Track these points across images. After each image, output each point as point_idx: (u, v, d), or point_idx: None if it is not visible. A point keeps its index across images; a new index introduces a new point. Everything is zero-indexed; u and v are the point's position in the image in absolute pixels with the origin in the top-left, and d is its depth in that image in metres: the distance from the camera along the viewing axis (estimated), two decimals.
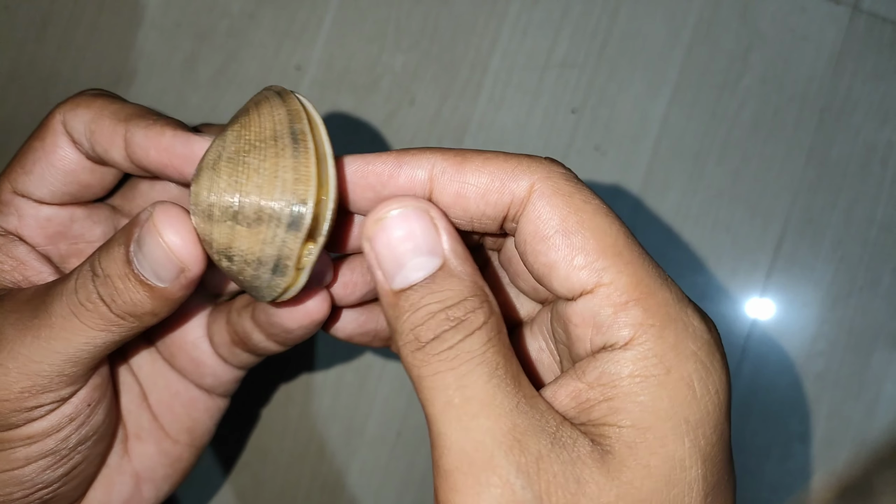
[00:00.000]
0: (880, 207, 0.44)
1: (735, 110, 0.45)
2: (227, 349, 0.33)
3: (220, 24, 0.46)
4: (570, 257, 0.23)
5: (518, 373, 0.24)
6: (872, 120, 0.44)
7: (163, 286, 0.26)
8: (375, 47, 0.46)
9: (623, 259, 0.23)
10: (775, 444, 0.43)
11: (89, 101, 0.28)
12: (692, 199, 0.44)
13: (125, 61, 0.46)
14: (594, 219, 0.24)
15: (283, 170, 0.24)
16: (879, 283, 0.43)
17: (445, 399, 0.23)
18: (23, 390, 0.26)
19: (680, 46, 0.45)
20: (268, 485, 0.45)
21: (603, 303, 0.23)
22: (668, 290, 0.24)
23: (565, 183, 0.24)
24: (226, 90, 0.46)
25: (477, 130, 0.45)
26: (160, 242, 0.25)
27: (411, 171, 0.25)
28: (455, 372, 0.23)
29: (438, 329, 0.24)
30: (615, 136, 0.45)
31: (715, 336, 0.24)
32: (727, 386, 0.23)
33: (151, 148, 0.27)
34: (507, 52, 0.45)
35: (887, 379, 0.43)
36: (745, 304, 0.44)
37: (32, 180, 0.29)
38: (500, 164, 0.25)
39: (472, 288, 0.24)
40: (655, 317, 0.23)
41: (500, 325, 0.24)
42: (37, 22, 0.47)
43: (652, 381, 0.22)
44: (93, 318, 0.26)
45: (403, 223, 0.24)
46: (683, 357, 0.23)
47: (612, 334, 0.23)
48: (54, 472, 0.29)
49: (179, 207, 0.25)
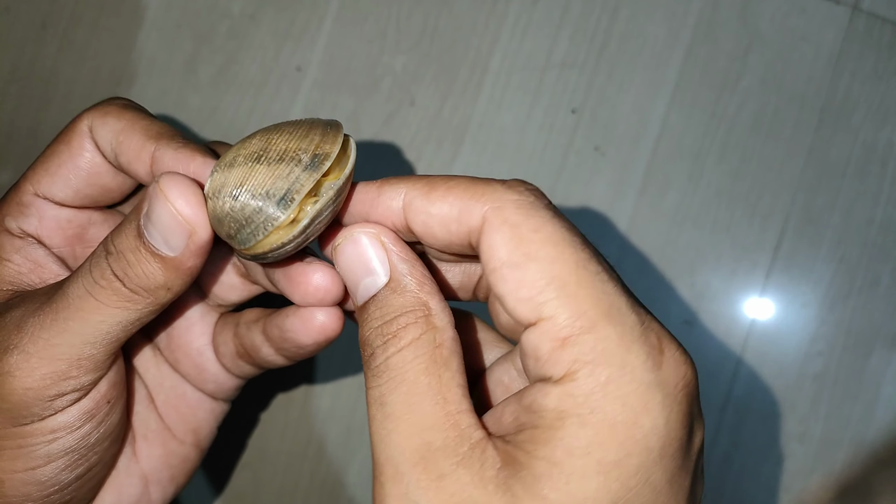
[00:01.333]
0: (880, 207, 0.44)
1: (735, 110, 0.45)
2: (231, 360, 0.33)
3: (220, 26, 0.46)
4: (516, 290, 0.23)
5: (449, 388, 0.24)
6: (872, 120, 0.44)
7: (173, 255, 0.26)
8: (376, 48, 0.46)
9: (566, 291, 0.23)
10: (774, 444, 0.43)
11: (119, 111, 0.29)
12: (692, 199, 0.44)
13: (125, 62, 0.47)
14: (541, 249, 0.23)
15: (313, 134, 0.27)
16: (879, 284, 0.43)
17: (372, 412, 0.25)
18: (44, 376, 0.27)
19: (680, 47, 0.45)
20: (268, 485, 0.45)
21: (542, 338, 0.23)
22: (613, 323, 0.23)
23: (514, 212, 0.24)
24: (226, 91, 0.46)
25: (477, 130, 0.45)
26: (168, 206, 0.26)
27: (387, 202, 0.26)
28: (380, 388, 0.25)
29: (375, 344, 0.25)
30: (615, 136, 0.45)
31: (664, 375, 0.23)
32: (667, 428, 0.23)
33: (180, 170, 0.27)
34: (507, 52, 0.45)
35: (886, 379, 0.43)
36: (744, 304, 0.44)
37: (56, 182, 0.30)
38: (460, 194, 0.25)
39: (412, 303, 0.25)
40: (591, 354, 0.22)
41: (438, 339, 0.25)
42: (37, 23, 0.47)
43: (574, 419, 0.22)
44: (107, 294, 0.27)
45: (353, 248, 0.26)
46: (611, 398, 0.22)
47: (548, 369, 0.23)
48: (72, 472, 0.29)
49: (184, 175, 0.26)
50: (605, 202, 0.45)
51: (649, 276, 0.44)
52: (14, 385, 0.27)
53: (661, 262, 0.44)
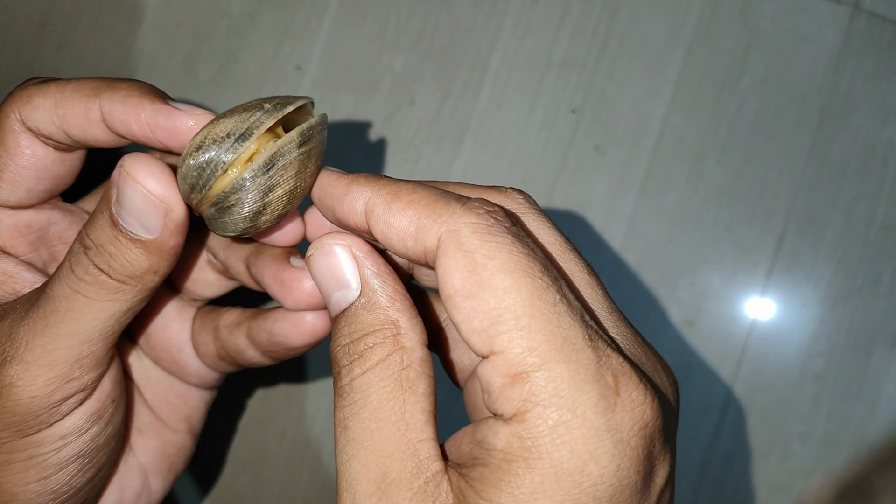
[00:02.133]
0: (880, 207, 0.44)
1: (735, 110, 0.45)
2: (212, 361, 0.33)
3: (219, 24, 0.46)
4: (469, 320, 0.22)
5: (413, 415, 0.24)
6: (873, 119, 0.44)
7: (153, 237, 0.26)
8: (375, 47, 0.46)
9: (520, 324, 0.22)
10: (775, 444, 0.43)
11: (42, 88, 0.27)
12: (692, 198, 0.44)
13: (125, 61, 0.46)
14: (495, 278, 0.22)
15: (277, 96, 0.27)
16: (879, 283, 0.43)
17: (336, 435, 0.24)
18: (47, 382, 0.26)
19: (680, 46, 0.45)
20: (267, 485, 0.45)
21: (494, 372, 0.22)
22: (566, 360, 0.22)
23: (470, 236, 0.23)
24: (225, 90, 0.46)
25: (477, 130, 0.45)
26: (138, 188, 0.25)
27: (352, 202, 0.25)
28: (343, 411, 0.24)
29: (341, 363, 0.25)
30: (615, 135, 0.45)
31: (617, 419, 0.22)
32: (617, 475, 0.22)
33: (132, 122, 0.26)
34: (508, 52, 0.45)
35: (887, 379, 0.43)
36: (745, 303, 0.44)
37: (4, 188, 0.28)
38: (419, 210, 0.24)
39: (381, 321, 0.25)
40: (542, 394, 0.21)
41: (406, 360, 0.24)
42: (36, 21, 0.47)
43: (520, 463, 0.21)
44: (95, 289, 0.26)
45: (324, 261, 0.26)
46: (559, 443, 0.21)
47: (499, 405, 0.22)
48: (84, 476, 0.29)
49: (148, 154, 0.26)
50: (605, 202, 0.45)
51: (650, 276, 0.44)
52: (19, 395, 0.26)
53: (662, 261, 0.44)
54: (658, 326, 0.44)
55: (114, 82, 0.27)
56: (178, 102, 0.27)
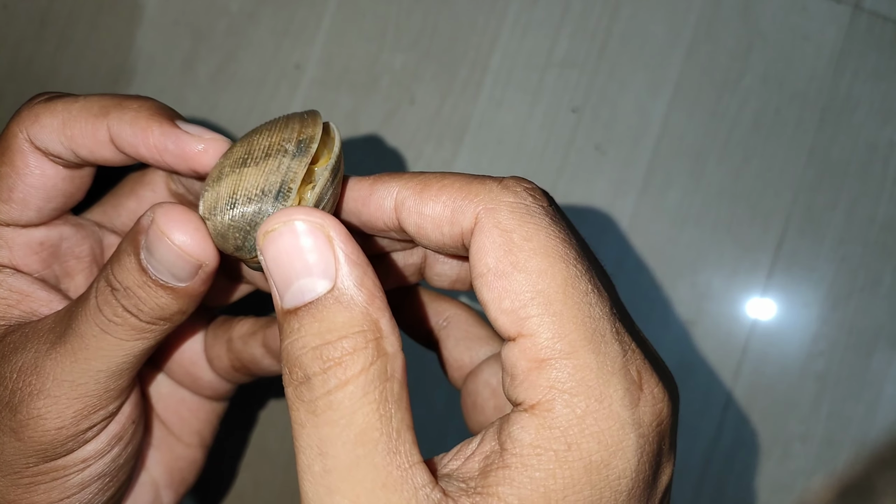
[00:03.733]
0: (881, 207, 0.44)
1: (736, 110, 0.45)
2: (226, 372, 0.32)
3: (218, 23, 0.46)
4: (499, 300, 0.22)
5: (400, 434, 0.21)
6: (874, 119, 0.44)
7: (184, 286, 0.25)
8: (375, 46, 0.46)
9: (552, 309, 0.21)
10: (776, 444, 0.43)
11: (49, 107, 0.27)
12: (693, 198, 0.44)
13: (124, 60, 0.46)
14: (530, 260, 0.22)
15: (292, 124, 0.25)
16: (881, 283, 0.43)
17: (307, 463, 0.21)
18: (76, 414, 0.26)
19: (680, 46, 0.45)
20: (268, 485, 0.45)
21: (520, 356, 0.21)
22: (595, 351, 0.21)
23: (508, 216, 0.22)
24: (225, 89, 0.46)
25: (477, 130, 0.45)
26: (170, 245, 0.24)
27: (379, 200, 0.24)
28: (318, 432, 0.21)
29: (309, 369, 0.21)
30: (616, 135, 0.45)
31: (640, 413, 0.21)
32: (637, 471, 0.21)
33: (141, 146, 0.26)
34: (507, 52, 0.45)
35: (888, 379, 0.43)
36: (746, 303, 0.44)
37: (14, 207, 0.28)
38: (453, 193, 0.23)
39: (361, 321, 0.21)
40: (569, 382, 0.21)
41: (390, 369, 0.22)
42: (35, 20, 0.46)
43: (550, 455, 0.21)
44: (124, 330, 0.25)
45: (291, 240, 0.22)
46: (588, 434, 0.21)
47: (522, 391, 0.22)
48: (105, 494, 0.29)
49: (179, 205, 0.25)
50: (605, 201, 0.45)
51: (650, 276, 0.44)
52: (47, 427, 0.26)
53: (663, 261, 0.44)
54: (659, 326, 0.44)
55: (123, 101, 0.26)
56: (187, 124, 0.26)
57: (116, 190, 0.32)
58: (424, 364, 0.37)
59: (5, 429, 0.26)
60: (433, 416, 0.44)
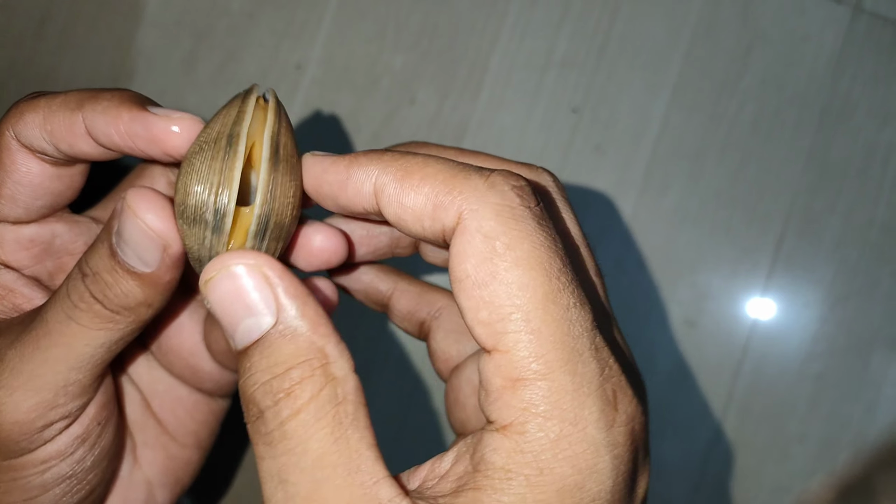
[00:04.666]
0: (880, 208, 0.44)
1: (735, 111, 0.45)
2: (226, 357, 0.32)
3: (219, 23, 0.46)
4: (477, 310, 0.21)
5: (360, 454, 0.21)
6: (873, 121, 0.44)
7: (149, 270, 0.25)
8: (375, 47, 0.46)
9: (530, 326, 0.21)
10: (775, 445, 0.43)
11: (32, 104, 0.27)
12: (692, 199, 0.44)
13: (124, 59, 0.46)
14: (511, 271, 0.21)
15: (212, 173, 0.24)
16: (879, 285, 0.43)
17: (270, 492, 0.21)
18: (31, 408, 0.26)
19: (680, 46, 0.45)
20: None
21: (495, 372, 0.21)
22: (572, 372, 0.21)
23: (493, 220, 0.21)
24: (225, 89, 0.46)
25: (477, 130, 0.45)
26: (138, 223, 0.24)
27: (358, 185, 0.24)
28: (276, 462, 0.21)
29: (262, 403, 0.22)
30: (615, 135, 0.45)
31: (615, 434, 0.21)
32: (612, 491, 0.21)
33: (113, 133, 0.26)
34: (507, 52, 0.45)
35: (887, 380, 0.43)
36: (745, 304, 0.44)
37: (2, 204, 0.28)
38: (436, 186, 0.22)
39: (307, 350, 0.22)
40: (544, 405, 0.21)
41: (341, 393, 0.22)
42: (36, 19, 0.46)
43: (521, 480, 0.20)
44: (88, 317, 0.25)
45: (230, 284, 0.23)
46: (562, 458, 0.20)
47: (495, 410, 0.21)
48: (73, 497, 0.28)
49: (151, 189, 0.25)
50: (605, 202, 0.45)
51: (650, 276, 0.44)
52: (0, 421, 0.26)
53: (662, 262, 0.44)
54: (658, 327, 0.44)
55: (98, 93, 0.26)
56: (158, 108, 0.26)
57: (118, 187, 0.32)
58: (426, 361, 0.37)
59: None
60: (440, 416, 0.44)
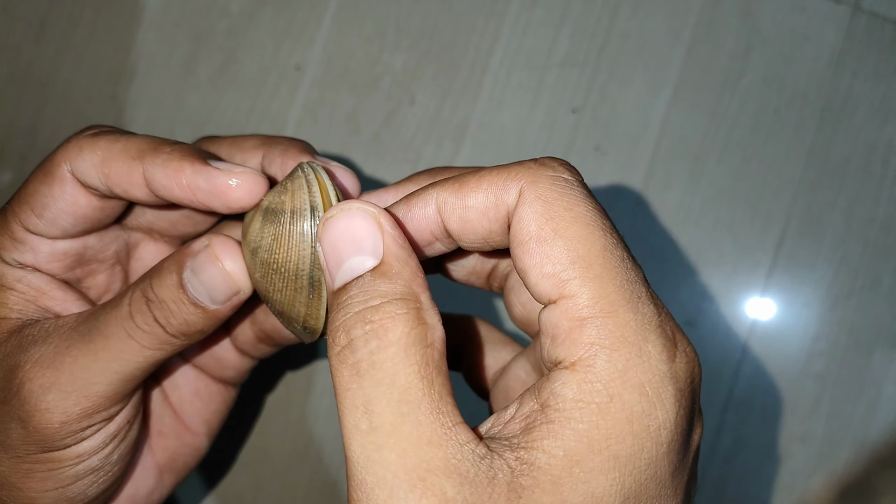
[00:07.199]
0: (881, 207, 0.44)
1: (735, 110, 0.45)
2: (251, 345, 0.34)
3: (219, 25, 0.46)
4: (540, 265, 0.23)
5: (441, 396, 0.22)
6: (873, 119, 0.44)
7: (215, 308, 0.28)
8: (375, 47, 0.46)
9: (591, 272, 0.23)
10: (776, 444, 0.43)
11: (93, 142, 0.29)
12: (693, 198, 0.44)
13: (124, 62, 0.46)
14: (571, 227, 0.23)
15: (298, 304, 0.28)
16: (880, 283, 0.43)
17: (353, 422, 0.22)
18: (80, 412, 0.28)
19: (680, 46, 0.45)
20: (268, 485, 0.45)
21: (561, 316, 0.23)
22: (634, 310, 0.22)
23: (549, 187, 0.24)
24: (225, 90, 0.46)
25: (477, 130, 0.45)
26: (220, 268, 0.28)
27: (419, 213, 0.26)
28: (363, 392, 0.22)
29: (353, 332, 0.22)
30: (616, 135, 0.45)
31: (676, 368, 0.23)
32: (676, 423, 0.22)
33: (174, 187, 0.28)
34: (507, 52, 0.45)
35: (888, 379, 0.43)
36: (745, 303, 0.44)
37: (44, 223, 0.30)
38: (493, 179, 0.24)
39: (402, 291, 0.23)
40: (609, 338, 0.22)
41: (430, 337, 0.23)
42: (35, 23, 0.47)
43: (592, 408, 0.22)
44: (149, 338, 0.28)
45: (346, 223, 0.24)
46: (629, 386, 0.22)
47: (563, 350, 0.23)
48: (98, 487, 0.30)
49: (233, 240, 0.28)
50: (606, 202, 0.45)
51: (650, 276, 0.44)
52: (51, 420, 0.28)
53: (663, 261, 0.44)
54: None
55: (159, 145, 0.28)
56: (218, 162, 0.28)
57: None
58: None
59: (14, 416, 0.28)
60: None
